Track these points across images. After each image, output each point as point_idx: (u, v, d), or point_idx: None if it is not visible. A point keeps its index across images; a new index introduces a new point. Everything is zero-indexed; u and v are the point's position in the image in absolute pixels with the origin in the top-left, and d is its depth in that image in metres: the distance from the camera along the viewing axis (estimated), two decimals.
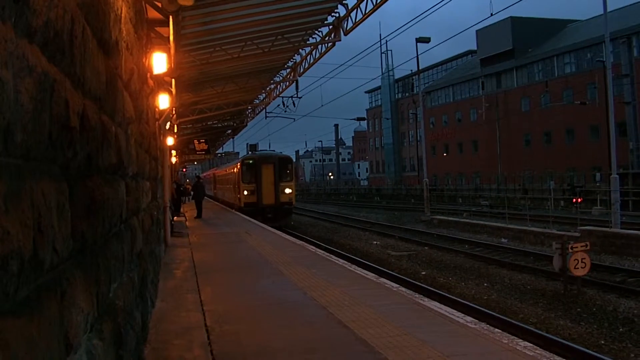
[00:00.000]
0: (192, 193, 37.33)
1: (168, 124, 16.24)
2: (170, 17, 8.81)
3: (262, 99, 29.01)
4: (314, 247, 16.42)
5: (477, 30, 67.42)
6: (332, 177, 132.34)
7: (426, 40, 38.16)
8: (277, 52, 17.95)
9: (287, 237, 19.33)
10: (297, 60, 20.70)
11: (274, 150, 41.35)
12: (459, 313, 7.83)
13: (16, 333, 1.78)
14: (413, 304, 8.20)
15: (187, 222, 26.11)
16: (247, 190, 31.83)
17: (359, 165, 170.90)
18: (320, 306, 8.12)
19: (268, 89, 26.56)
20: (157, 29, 10.67)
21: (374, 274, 11.42)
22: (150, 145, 9.50)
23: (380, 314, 7.47)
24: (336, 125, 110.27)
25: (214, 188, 54.51)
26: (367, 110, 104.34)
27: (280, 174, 31.80)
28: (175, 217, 25.40)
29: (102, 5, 3.81)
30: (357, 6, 14.68)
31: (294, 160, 48.49)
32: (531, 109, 60.50)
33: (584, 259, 13.39)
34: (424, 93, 65.74)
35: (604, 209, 30.55)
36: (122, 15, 5.00)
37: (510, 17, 61.24)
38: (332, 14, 15.68)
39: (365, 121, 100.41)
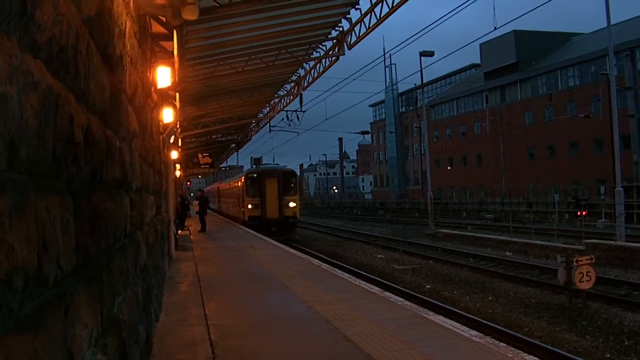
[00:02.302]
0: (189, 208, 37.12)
1: (172, 137, 16.27)
2: (175, 31, 8.86)
3: (266, 112, 29.11)
4: (318, 261, 16.37)
5: (480, 44, 67.54)
6: (336, 190, 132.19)
7: (430, 54, 38.35)
8: (281, 66, 18.03)
9: (292, 250, 19.28)
10: (301, 74, 20.78)
11: (278, 164, 41.41)
12: (464, 327, 7.78)
13: (20, 349, 1.77)
14: (418, 317, 8.15)
15: (191, 236, 26.09)
16: (251, 204, 31.80)
17: (363, 178, 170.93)
18: (325, 320, 8.08)
19: (272, 102, 26.64)
20: (162, 43, 10.73)
21: (378, 288, 11.38)
22: (154, 159, 9.52)
23: (385, 328, 7.43)
24: (340, 139, 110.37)
25: (218, 202, 54.54)
26: (371, 123, 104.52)
27: (285, 188, 31.77)
28: (179, 231, 25.41)
29: (107, 20, 3.83)
30: (360, 20, 14.75)
31: (298, 174, 48.45)
32: (535, 122, 60.49)
33: (589, 272, 13.32)
34: (428, 106, 65.82)
35: (609, 222, 30.41)
36: (127, 30, 5.02)
37: (514, 30, 61.46)
38: (336, 28, 15.74)
39: (370, 135, 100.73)
